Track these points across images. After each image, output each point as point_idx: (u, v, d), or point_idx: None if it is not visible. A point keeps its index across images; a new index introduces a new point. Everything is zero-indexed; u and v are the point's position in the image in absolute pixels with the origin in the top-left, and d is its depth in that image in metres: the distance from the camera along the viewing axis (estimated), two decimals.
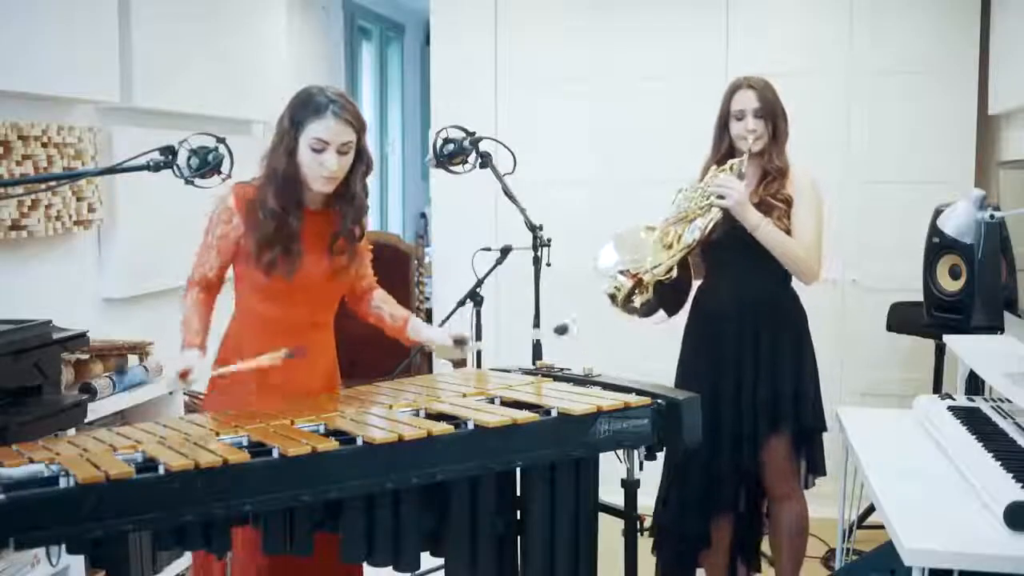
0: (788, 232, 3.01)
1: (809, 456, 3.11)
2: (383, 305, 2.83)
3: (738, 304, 3.06)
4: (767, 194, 3.04)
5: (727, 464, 3.05)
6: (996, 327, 3.12)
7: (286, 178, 2.53)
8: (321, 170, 2.51)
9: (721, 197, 2.95)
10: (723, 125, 3.13)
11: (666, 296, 3.03)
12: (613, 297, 3.00)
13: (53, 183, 3.08)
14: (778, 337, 3.05)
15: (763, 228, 2.96)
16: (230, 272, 2.69)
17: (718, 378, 3.06)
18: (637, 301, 3.00)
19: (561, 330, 2.59)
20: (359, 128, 2.56)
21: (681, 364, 3.21)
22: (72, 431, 2.76)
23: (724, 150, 3.12)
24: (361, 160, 2.60)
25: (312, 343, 2.64)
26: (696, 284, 3.16)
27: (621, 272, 3.00)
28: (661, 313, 3.08)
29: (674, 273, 2.98)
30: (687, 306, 3.16)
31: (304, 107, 2.52)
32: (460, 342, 2.73)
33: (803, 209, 3.03)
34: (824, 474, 3.13)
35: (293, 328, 2.61)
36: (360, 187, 2.63)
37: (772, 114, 3.06)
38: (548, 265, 3.29)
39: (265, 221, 2.53)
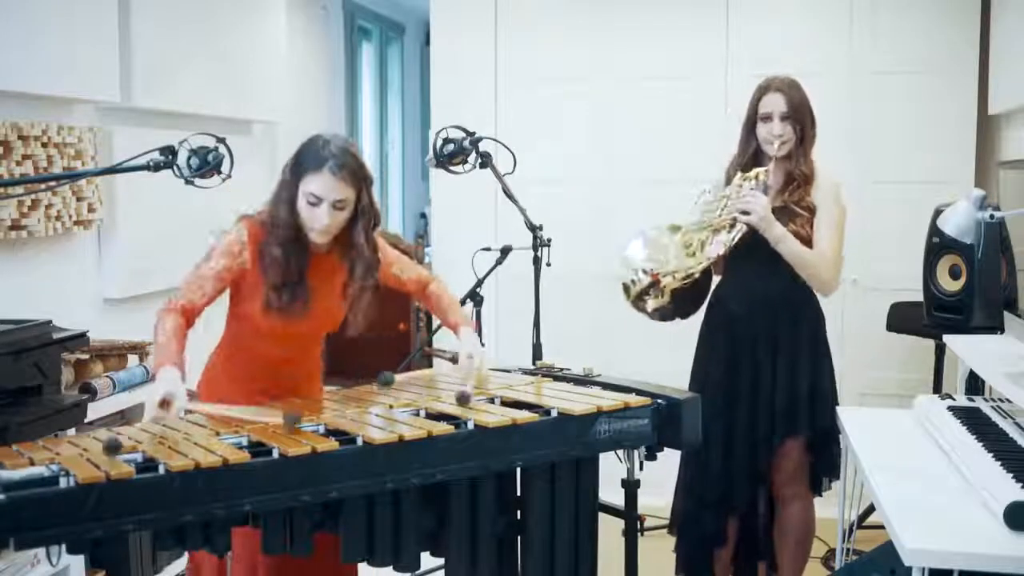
0: (810, 239, 2.99)
1: (824, 459, 3.08)
2: (439, 308, 2.81)
3: (755, 305, 3.03)
4: (791, 200, 3.01)
5: (741, 464, 3.04)
6: (996, 327, 3.12)
7: (286, 225, 2.51)
8: (314, 223, 2.49)
9: (746, 212, 2.93)
10: (750, 127, 3.07)
11: (683, 301, 3.02)
12: (627, 288, 2.99)
13: (53, 183, 3.08)
14: (795, 339, 3.03)
15: (786, 243, 2.94)
16: None
17: (734, 378, 3.04)
18: (650, 305, 2.98)
19: (386, 381, 2.64)
20: (359, 184, 2.51)
21: (696, 362, 3.19)
22: (72, 431, 2.76)
23: (751, 153, 3.08)
24: (363, 215, 2.56)
25: (303, 369, 2.69)
26: (715, 281, 3.15)
27: (644, 270, 2.99)
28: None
29: (694, 276, 2.97)
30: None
31: (306, 158, 2.49)
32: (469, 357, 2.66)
33: (825, 219, 3.00)
34: (838, 477, 3.11)
35: (287, 361, 2.63)
36: (364, 240, 2.58)
37: (800, 117, 3.00)
38: (548, 265, 3.29)
39: (272, 264, 2.51)
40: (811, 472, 3.10)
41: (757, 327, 3.03)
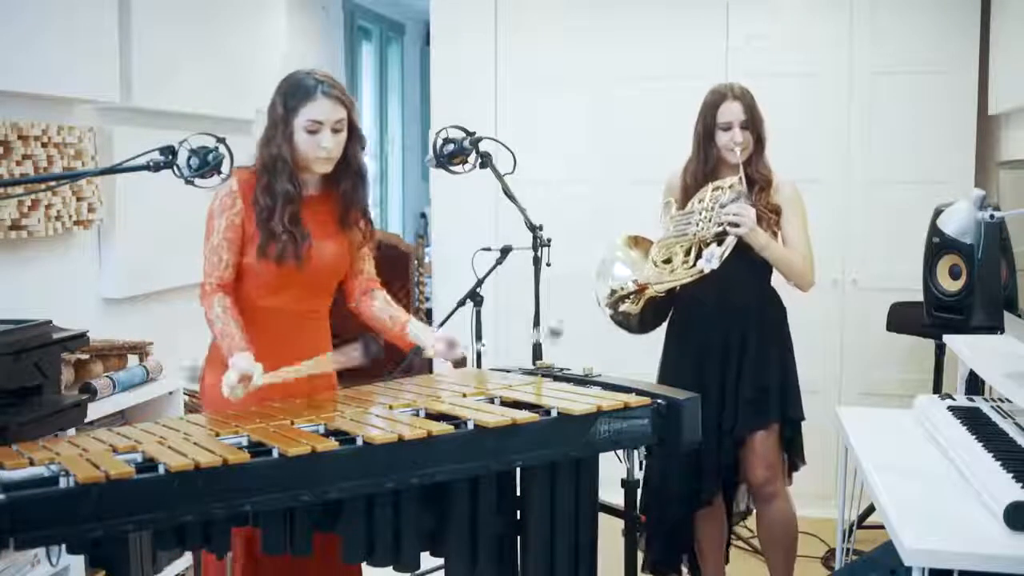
0: (778, 240, 3.05)
1: (792, 449, 3.15)
2: (386, 308, 2.77)
3: (722, 303, 3.08)
4: (756, 204, 3.03)
5: (711, 461, 3.08)
6: (996, 327, 3.12)
7: (285, 165, 2.54)
8: (318, 151, 2.54)
9: (735, 225, 2.94)
10: (708, 136, 3.09)
11: (647, 316, 3.11)
12: (613, 291, 3.06)
13: (53, 183, 3.08)
14: (762, 336, 3.09)
15: (771, 249, 2.99)
16: None
17: (702, 377, 3.08)
18: (624, 307, 3.05)
19: (556, 332, 2.64)
20: (349, 105, 2.60)
21: (664, 360, 3.24)
22: (72, 431, 2.76)
23: (712, 162, 3.11)
24: (355, 136, 2.64)
25: (308, 332, 2.65)
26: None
27: (633, 280, 3.06)
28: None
29: (678, 287, 3.02)
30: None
31: (295, 92, 2.56)
32: (452, 345, 2.69)
33: (793, 218, 3.06)
34: (804, 463, 3.18)
35: (292, 317, 2.61)
36: (357, 159, 2.66)
37: (756, 124, 3.05)
38: (548, 265, 3.28)
39: (269, 209, 2.53)
40: (785, 467, 3.16)
41: (725, 325, 3.08)
